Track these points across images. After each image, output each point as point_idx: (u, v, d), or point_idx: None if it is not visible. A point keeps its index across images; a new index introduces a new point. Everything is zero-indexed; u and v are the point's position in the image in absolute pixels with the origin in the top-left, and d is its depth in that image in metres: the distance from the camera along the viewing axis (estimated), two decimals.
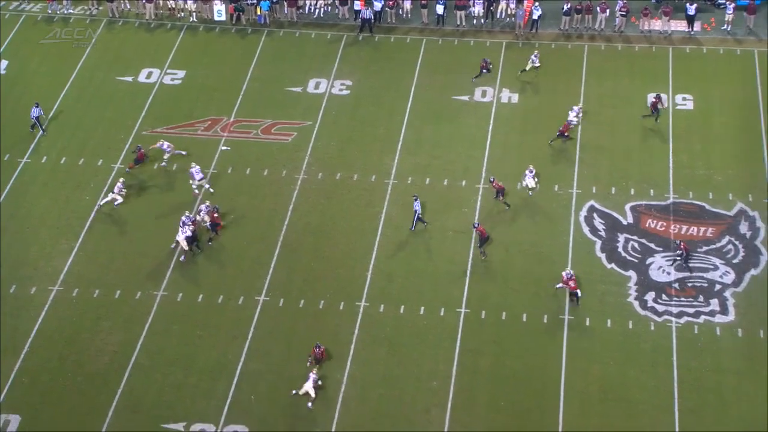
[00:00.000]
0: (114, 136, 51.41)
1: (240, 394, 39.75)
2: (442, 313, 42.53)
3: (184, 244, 44.84)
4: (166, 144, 49.29)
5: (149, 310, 43.03)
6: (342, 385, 39.97)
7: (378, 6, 58.39)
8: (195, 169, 47.76)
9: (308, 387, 38.83)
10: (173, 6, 59.45)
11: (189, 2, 59.34)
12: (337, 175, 48.96)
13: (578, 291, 42.22)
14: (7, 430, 38.38)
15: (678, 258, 44.33)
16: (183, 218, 45.07)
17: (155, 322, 42.54)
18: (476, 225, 44.62)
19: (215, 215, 45.94)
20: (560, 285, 42.29)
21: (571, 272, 42.22)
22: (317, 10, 59.44)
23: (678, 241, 44.70)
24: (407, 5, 58.85)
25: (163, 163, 49.28)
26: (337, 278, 44.20)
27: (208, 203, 46.25)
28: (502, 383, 39.94)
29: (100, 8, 60.02)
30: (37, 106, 51.17)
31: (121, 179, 47.61)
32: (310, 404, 38.67)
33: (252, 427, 38.73)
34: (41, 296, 43.58)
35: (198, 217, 45.87)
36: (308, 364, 39.67)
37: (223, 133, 51.59)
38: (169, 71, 55.78)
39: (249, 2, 59.05)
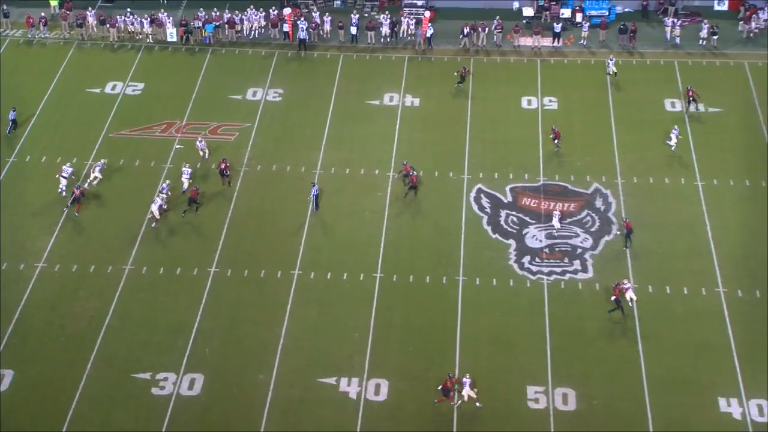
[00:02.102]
0: (86, 138, 50.50)
1: (196, 349, 39.51)
2: (361, 278, 42.56)
3: (156, 214, 44.63)
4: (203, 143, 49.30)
5: (119, 281, 42.45)
6: (281, 338, 39.87)
7: (303, 28, 57.99)
8: (186, 170, 47.30)
9: (466, 392, 36.87)
10: (133, 30, 58.61)
11: (146, 26, 58.49)
12: (273, 167, 48.62)
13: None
14: (3, 383, 37.87)
15: (618, 232, 44.24)
16: (161, 186, 45.64)
17: (124, 291, 42.02)
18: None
19: (196, 192, 45.83)
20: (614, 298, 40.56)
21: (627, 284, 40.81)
22: (253, 32, 58.89)
23: (624, 218, 44.53)
24: (327, 27, 58.56)
25: (206, 156, 48.91)
26: (275, 251, 43.99)
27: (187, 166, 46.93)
28: (411, 333, 40.15)
29: (72, 33, 58.84)
30: (14, 110, 50.81)
31: (103, 160, 47.65)
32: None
33: (207, 375, 38.52)
34: (28, 271, 42.82)
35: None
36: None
37: (177, 134, 50.92)
38: (130, 84, 54.85)
39: (196, 26, 58.35)
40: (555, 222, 45.29)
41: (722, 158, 48.28)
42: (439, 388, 37.00)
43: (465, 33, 57.31)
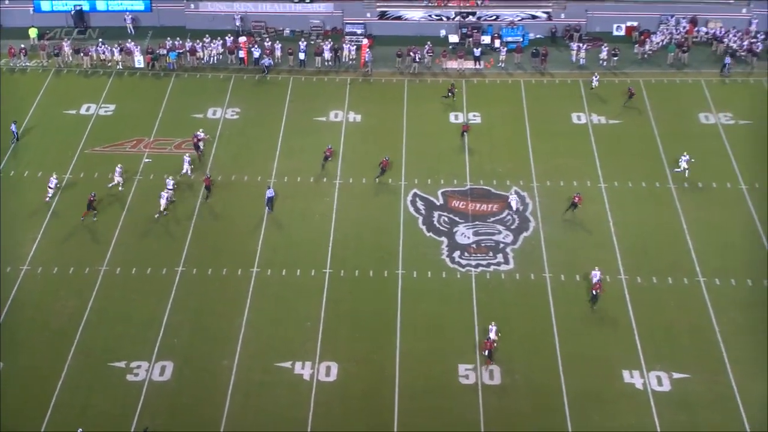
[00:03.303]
0: (64, 154, 49.66)
1: (166, 339, 39.17)
2: (312, 274, 42.47)
3: (162, 206, 45.08)
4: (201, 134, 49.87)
5: (95, 281, 41.91)
6: (242, 328, 39.65)
7: (257, 54, 57.86)
8: (168, 181, 46.83)
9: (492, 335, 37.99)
10: (104, 58, 57.83)
11: (116, 54, 57.74)
12: (232, 177, 48.27)
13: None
14: None
15: (572, 208, 44.93)
16: (166, 181, 46.34)
17: (100, 289, 41.48)
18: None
19: (209, 179, 46.67)
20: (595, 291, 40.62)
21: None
22: (212, 58, 58.46)
23: (575, 195, 45.15)
24: (278, 53, 58.39)
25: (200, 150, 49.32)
26: (236, 252, 43.70)
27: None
28: (357, 321, 40.21)
29: (49, 61, 57.83)
30: (14, 123, 50.72)
31: (120, 165, 47.48)
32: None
33: (176, 362, 38.20)
34: (14, 273, 42.18)
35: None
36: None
37: (145, 149, 50.31)
38: (103, 105, 54.02)
39: (161, 53, 57.74)
40: (513, 204, 45.94)
41: (622, 163, 48.95)
42: (485, 353, 37.56)
43: (398, 52, 57.57)
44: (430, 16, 61.36)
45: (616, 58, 57.52)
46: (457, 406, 36.54)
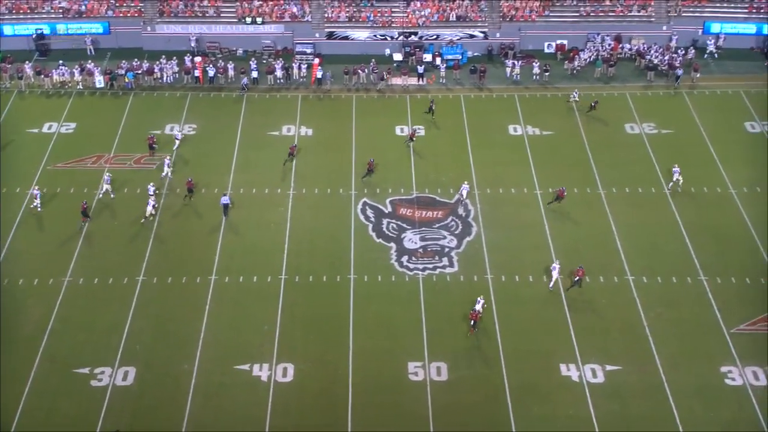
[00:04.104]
0: (27, 171, 48.50)
1: (129, 345, 38.42)
2: (269, 280, 42.06)
3: (149, 212, 44.88)
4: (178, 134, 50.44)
5: (59, 291, 40.98)
6: (201, 333, 39.07)
7: (212, 73, 57.30)
8: (150, 187, 46.23)
9: (478, 307, 39.39)
10: (64, 79, 56.68)
11: (76, 75, 56.66)
12: (184, 192, 47.53)
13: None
14: None
15: (555, 201, 45.85)
16: (149, 189, 45.97)
17: (64, 299, 40.59)
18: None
19: (191, 182, 46.63)
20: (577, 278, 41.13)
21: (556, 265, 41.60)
22: (168, 77, 57.72)
23: (562, 188, 46.09)
24: (230, 73, 57.86)
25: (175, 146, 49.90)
26: (194, 261, 43.07)
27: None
28: (312, 323, 39.89)
29: (12, 83, 56.46)
30: None
31: (108, 174, 47.00)
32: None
33: (138, 367, 37.46)
34: None
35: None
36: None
37: (106, 164, 49.36)
38: (64, 124, 52.92)
39: (119, 73, 56.83)
40: (463, 195, 46.46)
41: (556, 171, 49.38)
42: (471, 323, 38.56)
43: (349, 73, 57.51)
44: (375, 36, 61.44)
45: (547, 74, 58.17)
46: (407, 401, 36.43)
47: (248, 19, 61.27)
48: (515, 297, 41.29)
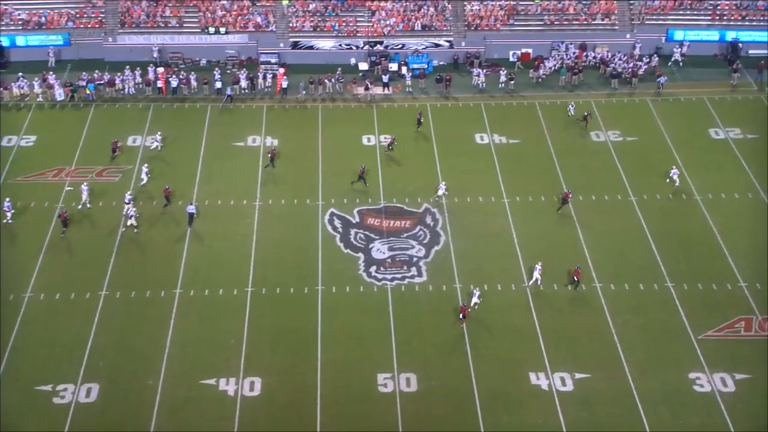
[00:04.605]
0: None
1: (92, 361, 37.90)
2: (235, 292, 41.76)
3: (134, 222, 44.86)
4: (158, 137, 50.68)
5: (20, 307, 40.33)
6: (166, 348, 38.64)
7: (174, 84, 56.96)
8: (127, 196, 46.15)
9: (475, 300, 40.63)
10: (25, 92, 55.95)
11: (36, 87, 55.96)
12: (154, 202, 47.18)
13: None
14: None
15: (563, 203, 46.41)
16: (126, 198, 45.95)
17: (25, 315, 39.99)
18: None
19: (168, 190, 46.70)
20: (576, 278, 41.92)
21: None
22: (130, 89, 57.22)
23: (568, 190, 47.03)
24: (194, 83, 57.54)
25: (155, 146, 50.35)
26: (158, 274, 42.66)
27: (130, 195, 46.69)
28: (279, 336, 39.65)
29: None
30: None
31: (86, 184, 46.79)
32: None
33: (102, 383, 36.93)
34: None
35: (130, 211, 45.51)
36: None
37: (67, 177, 48.76)
38: (24, 137, 52.25)
39: (80, 85, 56.23)
40: (441, 191, 47.05)
41: (522, 180, 49.74)
42: (460, 316, 39.35)
43: (311, 80, 57.46)
44: (340, 45, 61.53)
45: (513, 82, 58.63)
46: (376, 413, 36.30)
47: (211, 29, 61.06)
48: (484, 306, 41.34)
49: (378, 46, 61.46)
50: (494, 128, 54.40)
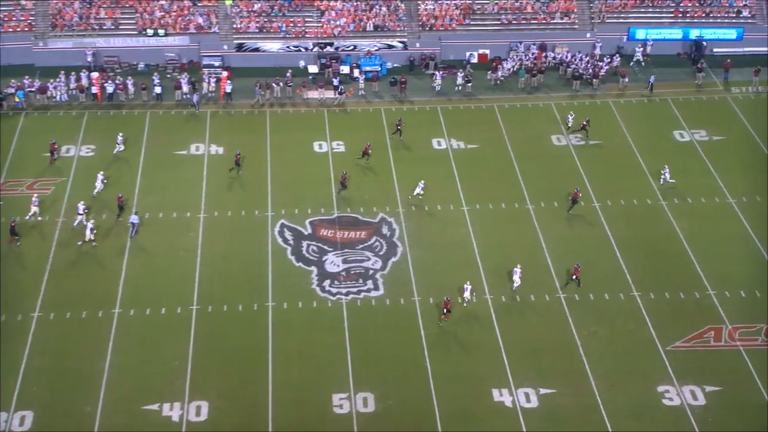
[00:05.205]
0: None
1: (26, 387, 37.26)
2: (179, 311, 41.41)
3: (90, 236, 44.47)
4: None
5: None
6: (105, 372, 38.12)
7: (110, 89, 56.44)
8: (80, 206, 45.63)
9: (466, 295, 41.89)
10: None
11: None
12: (76, 221, 46.28)
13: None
14: None
15: (573, 204, 47.68)
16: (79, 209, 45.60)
17: None
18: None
19: (121, 198, 46.69)
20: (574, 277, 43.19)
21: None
22: (63, 95, 56.53)
23: (576, 188, 47.95)
24: (131, 88, 57.05)
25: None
26: (95, 293, 42.11)
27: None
28: (227, 356, 39.37)
29: None
30: None
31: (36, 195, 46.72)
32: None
33: (36, 411, 36.29)
34: None
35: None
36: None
37: None
38: None
39: (8, 92, 55.35)
40: (418, 190, 47.72)
41: (482, 186, 50.21)
42: (444, 310, 40.34)
43: (262, 87, 57.39)
44: (288, 47, 61.55)
45: (470, 85, 59.19)
46: None
47: (150, 31, 60.70)
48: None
49: (328, 47, 61.63)
50: (452, 133, 54.87)
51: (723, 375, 39.05)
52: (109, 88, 56.45)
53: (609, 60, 61.61)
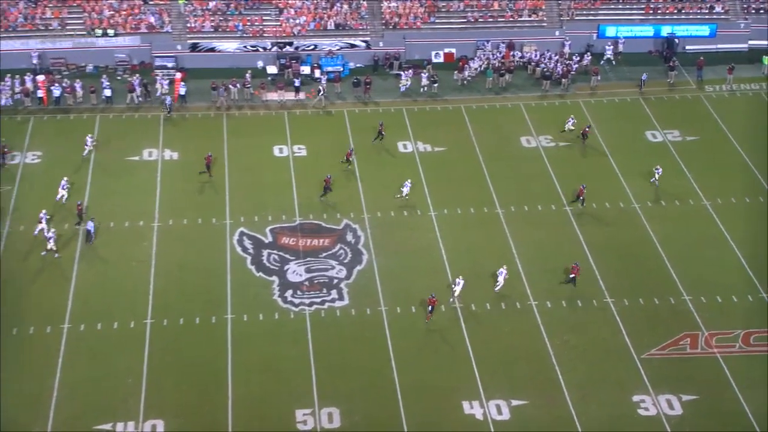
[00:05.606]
0: None
1: None
2: (132, 325, 41.02)
3: (53, 245, 44.22)
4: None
5: None
6: (54, 390, 37.63)
7: (57, 93, 55.89)
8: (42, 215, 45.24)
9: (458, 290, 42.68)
10: None
11: None
12: (38, 226, 45.93)
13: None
14: None
15: (579, 201, 48.75)
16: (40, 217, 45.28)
17: None
18: None
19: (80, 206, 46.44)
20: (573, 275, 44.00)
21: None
22: (6, 100, 55.82)
23: (582, 185, 48.86)
24: (79, 92, 56.52)
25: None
26: (43, 307, 41.61)
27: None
28: (184, 372, 39.08)
29: None
30: None
31: None
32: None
33: None
34: None
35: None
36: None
37: None
38: None
39: None
40: (405, 189, 48.23)
41: (450, 190, 50.44)
42: (429, 308, 41.09)
43: (217, 90, 57.16)
44: (245, 47, 61.37)
45: (436, 85, 59.45)
46: None
47: (98, 32, 60.30)
48: (411, 329, 41.65)
49: (287, 47, 61.55)
50: (418, 135, 55.06)
51: (700, 383, 39.48)
52: (56, 92, 55.99)
53: (579, 59, 62.19)
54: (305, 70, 60.50)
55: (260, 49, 61.51)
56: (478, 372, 39.63)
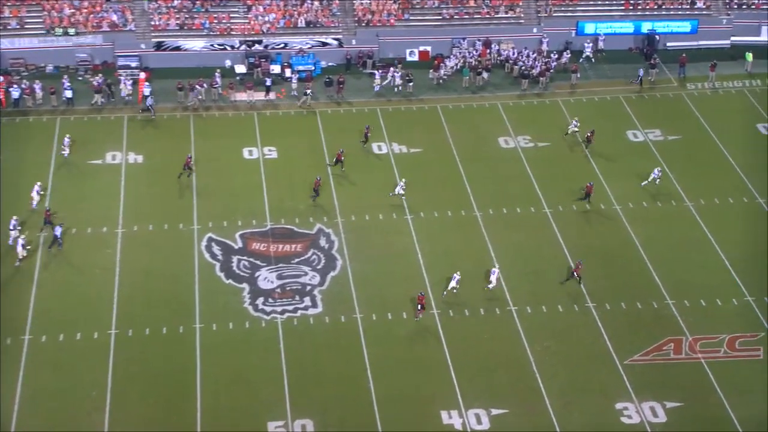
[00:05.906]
0: None
1: None
2: (95, 336, 40.74)
3: (23, 253, 44.17)
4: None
5: None
6: (15, 404, 37.26)
7: (16, 94, 55.41)
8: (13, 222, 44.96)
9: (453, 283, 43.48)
10: None
11: None
12: (11, 237, 45.32)
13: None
14: None
15: (584, 199, 49.31)
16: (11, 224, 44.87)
17: None
18: None
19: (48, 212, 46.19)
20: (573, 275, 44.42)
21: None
22: None
23: (590, 182, 49.24)
24: (39, 93, 56.04)
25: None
26: (1, 317, 41.09)
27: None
28: (151, 384, 38.83)
29: None
30: None
31: None
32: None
33: None
34: None
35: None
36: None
37: None
38: None
39: None
40: (398, 189, 48.47)
41: (426, 193, 50.45)
42: (418, 306, 41.60)
43: (184, 90, 56.89)
44: (212, 45, 61.14)
45: (411, 84, 59.51)
46: None
47: (58, 30, 59.95)
48: (388, 336, 41.64)
49: (257, 45, 61.38)
50: (393, 136, 55.09)
51: (684, 389, 39.71)
52: (15, 93, 55.61)
53: (557, 56, 62.48)
54: (275, 69, 60.36)
55: (228, 48, 61.30)
56: (456, 380, 39.65)
